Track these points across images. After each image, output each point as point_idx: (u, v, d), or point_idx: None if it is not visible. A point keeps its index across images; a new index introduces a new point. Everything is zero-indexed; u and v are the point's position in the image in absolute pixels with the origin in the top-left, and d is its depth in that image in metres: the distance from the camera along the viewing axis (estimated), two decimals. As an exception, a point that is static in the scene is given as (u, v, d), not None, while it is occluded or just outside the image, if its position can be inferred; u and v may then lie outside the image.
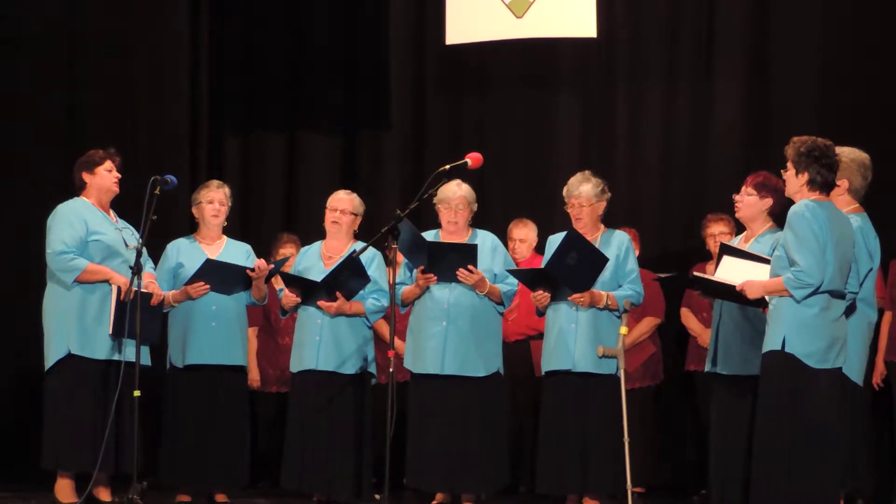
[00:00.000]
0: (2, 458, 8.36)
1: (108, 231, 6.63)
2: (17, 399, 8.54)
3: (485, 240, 6.77)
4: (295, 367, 6.87)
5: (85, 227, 6.56)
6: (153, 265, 6.91)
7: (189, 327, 6.82)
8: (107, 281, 6.51)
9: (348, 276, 6.61)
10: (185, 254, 6.94)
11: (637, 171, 8.58)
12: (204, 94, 9.12)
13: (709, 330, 7.47)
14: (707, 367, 6.16)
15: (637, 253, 7.46)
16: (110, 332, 6.45)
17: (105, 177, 6.69)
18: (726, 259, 5.91)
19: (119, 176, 6.73)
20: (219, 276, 6.74)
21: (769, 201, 6.08)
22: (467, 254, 6.51)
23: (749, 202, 6.12)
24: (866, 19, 8.15)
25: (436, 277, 6.59)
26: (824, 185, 5.56)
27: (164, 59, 9.07)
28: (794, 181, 5.60)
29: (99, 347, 6.50)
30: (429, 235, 6.82)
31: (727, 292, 5.79)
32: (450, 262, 6.52)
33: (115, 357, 6.45)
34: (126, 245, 6.62)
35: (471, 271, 6.51)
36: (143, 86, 9.06)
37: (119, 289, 6.42)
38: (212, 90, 9.13)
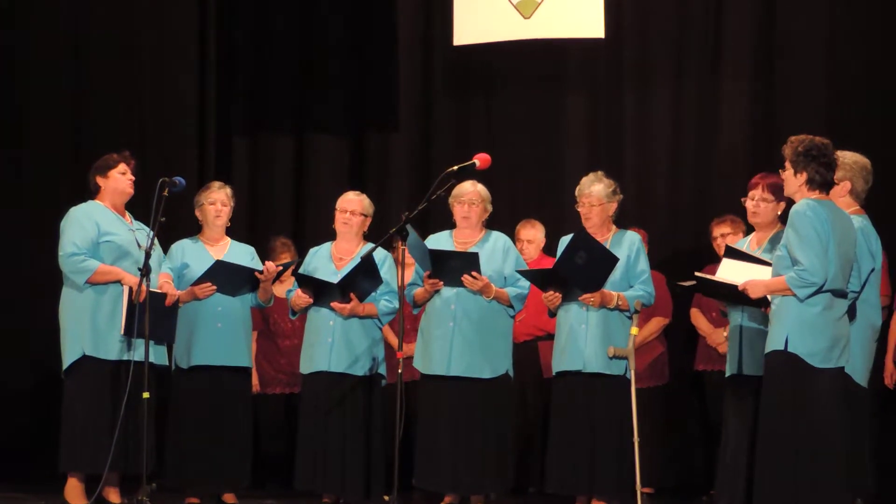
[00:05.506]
0: (18, 461, 8.36)
1: (120, 232, 6.64)
2: (34, 402, 8.55)
3: (497, 241, 6.77)
4: (305, 368, 6.87)
5: (96, 228, 6.57)
6: (169, 266, 6.92)
7: (194, 328, 6.83)
8: (118, 281, 6.52)
9: (362, 278, 6.62)
10: (190, 254, 6.95)
11: (645, 171, 8.56)
12: (212, 96, 9.12)
13: (718, 330, 7.50)
14: (730, 371, 6.02)
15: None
16: (122, 332, 6.45)
17: (118, 180, 6.70)
18: (726, 261, 5.89)
19: (133, 178, 6.74)
20: (227, 277, 6.75)
21: (783, 205, 6.03)
22: (470, 261, 6.50)
23: (768, 208, 6.07)
24: (873, 18, 8.13)
25: (441, 283, 6.60)
26: (823, 183, 5.55)
27: (171, 60, 9.08)
28: (793, 181, 5.58)
29: (112, 348, 6.51)
30: (443, 236, 6.84)
31: (729, 293, 5.78)
32: (454, 268, 6.53)
33: (128, 357, 6.45)
34: (139, 246, 6.61)
35: (475, 277, 6.52)
36: (151, 87, 9.07)
37: (131, 289, 6.43)
38: (220, 91, 9.14)
